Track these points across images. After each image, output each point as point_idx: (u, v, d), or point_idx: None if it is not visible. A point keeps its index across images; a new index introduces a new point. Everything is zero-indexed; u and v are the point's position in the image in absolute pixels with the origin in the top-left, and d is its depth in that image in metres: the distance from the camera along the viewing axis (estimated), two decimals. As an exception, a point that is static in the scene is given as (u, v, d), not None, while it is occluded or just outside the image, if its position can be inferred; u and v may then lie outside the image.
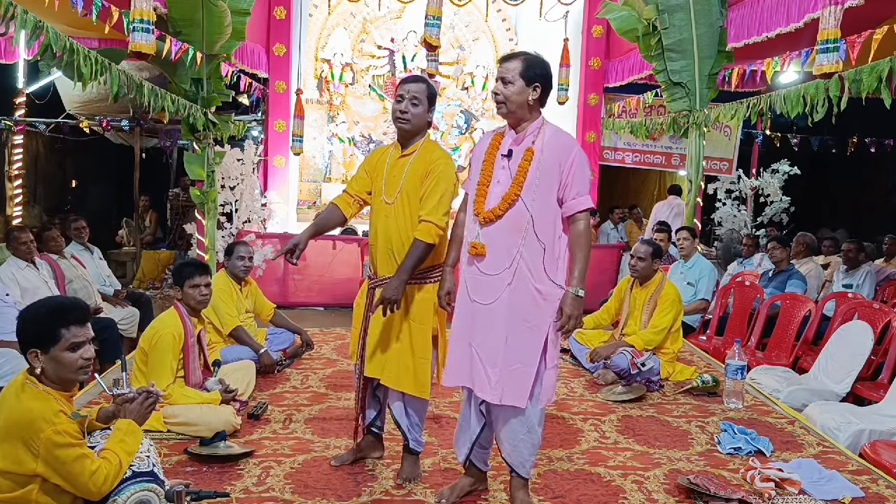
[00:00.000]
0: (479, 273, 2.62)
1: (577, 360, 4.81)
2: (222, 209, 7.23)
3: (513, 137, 2.66)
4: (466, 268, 2.69)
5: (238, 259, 4.54)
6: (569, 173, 2.57)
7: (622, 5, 7.43)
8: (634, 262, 4.63)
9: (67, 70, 4.32)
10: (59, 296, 3.04)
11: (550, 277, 2.59)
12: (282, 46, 8.71)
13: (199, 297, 3.51)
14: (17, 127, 8.82)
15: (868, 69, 4.65)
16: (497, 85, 2.61)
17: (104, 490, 2.15)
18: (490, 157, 2.67)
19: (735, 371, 3.97)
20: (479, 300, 2.62)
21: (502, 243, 2.58)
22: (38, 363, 2.15)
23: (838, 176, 12.22)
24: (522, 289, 2.57)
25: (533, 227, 2.56)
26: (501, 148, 2.66)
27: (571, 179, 2.57)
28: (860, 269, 5.88)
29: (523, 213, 2.56)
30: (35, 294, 4.31)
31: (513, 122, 2.66)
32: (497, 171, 2.64)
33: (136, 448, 2.29)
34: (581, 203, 2.58)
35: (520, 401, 2.57)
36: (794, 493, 2.82)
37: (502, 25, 10.56)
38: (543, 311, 2.57)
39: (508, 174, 2.60)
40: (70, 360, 2.16)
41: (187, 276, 3.51)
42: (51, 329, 2.15)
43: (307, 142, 8.87)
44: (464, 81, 10.51)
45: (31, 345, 2.15)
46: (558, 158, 2.58)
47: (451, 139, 10.58)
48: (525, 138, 2.63)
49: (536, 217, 2.56)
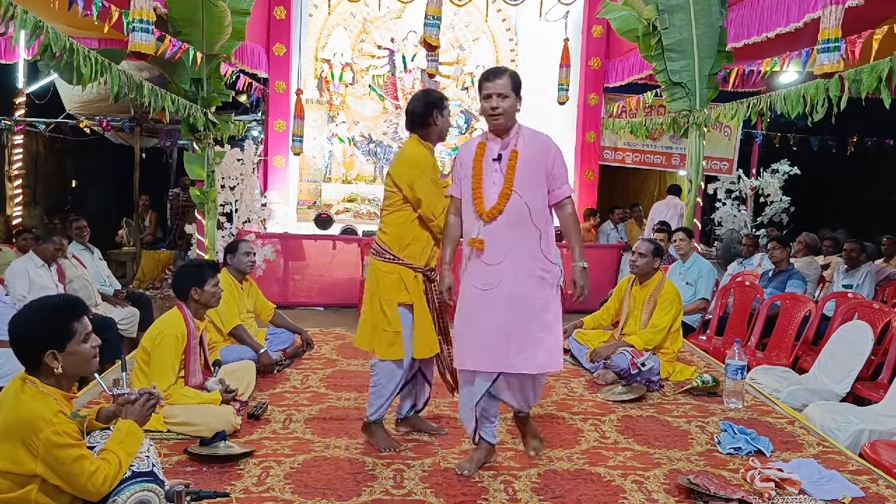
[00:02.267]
0: (485, 265, 2.96)
1: (577, 360, 4.81)
2: (222, 209, 7.23)
3: (499, 143, 3.01)
4: (471, 263, 3.02)
5: (244, 255, 4.59)
6: (553, 166, 3.00)
7: (622, 5, 7.43)
8: (635, 258, 4.63)
9: (67, 70, 4.32)
10: (49, 295, 3.05)
11: (547, 257, 3.00)
12: (282, 46, 8.71)
13: (219, 294, 3.60)
14: (17, 127, 8.83)
15: (868, 69, 4.65)
16: (495, 100, 2.92)
17: (103, 491, 2.14)
18: (478, 163, 3.00)
19: (735, 371, 3.97)
20: (491, 287, 2.94)
21: (505, 235, 2.93)
22: (57, 363, 2.15)
23: (838, 176, 12.22)
24: (525, 271, 2.94)
25: (531, 216, 2.94)
26: (490, 154, 3.00)
27: (556, 171, 3.01)
28: (860, 270, 5.88)
29: (521, 206, 2.92)
30: (42, 293, 4.35)
31: (501, 131, 3.00)
32: (490, 175, 2.97)
33: (137, 449, 2.29)
34: (566, 190, 3.05)
35: (556, 365, 3.05)
36: (794, 493, 2.82)
37: (502, 25, 10.56)
38: (548, 284, 2.99)
39: (501, 175, 2.95)
40: (86, 351, 2.21)
41: (208, 276, 3.53)
42: (63, 325, 2.17)
43: (307, 142, 8.87)
44: (464, 81, 10.51)
45: (46, 346, 2.14)
46: (541, 155, 2.99)
47: (451, 139, 10.58)
48: (509, 142, 3.00)
49: (531, 207, 2.94)
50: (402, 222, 3.19)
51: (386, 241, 3.21)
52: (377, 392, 3.26)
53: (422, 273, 3.20)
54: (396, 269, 3.17)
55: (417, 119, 3.24)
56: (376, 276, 3.22)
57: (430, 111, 3.21)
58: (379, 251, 3.22)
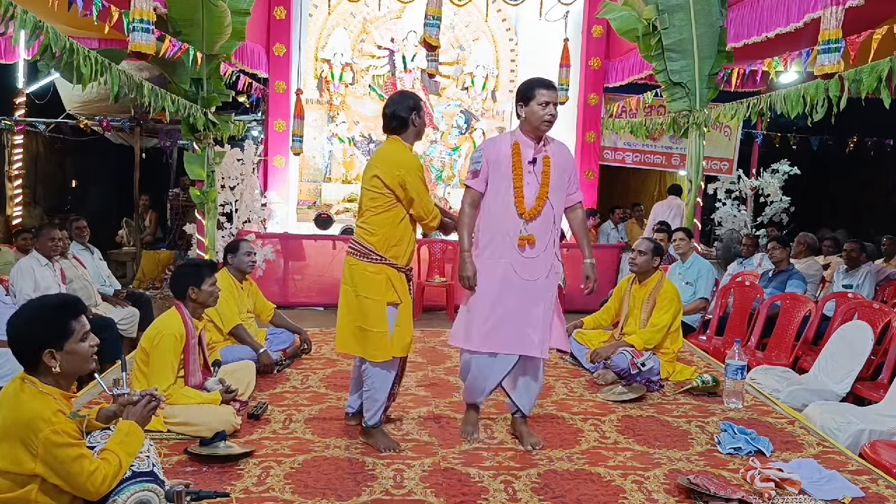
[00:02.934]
0: (528, 258, 3.24)
1: (577, 360, 4.81)
2: (222, 209, 7.23)
3: (532, 147, 3.27)
4: (510, 254, 3.25)
5: (245, 255, 4.60)
6: (573, 173, 3.42)
7: (622, 5, 7.42)
8: (634, 256, 4.64)
9: (67, 70, 4.32)
10: (46, 294, 3.05)
11: (556, 254, 3.36)
12: (282, 46, 8.70)
13: (217, 294, 3.60)
14: (17, 127, 8.82)
15: (868, 69, 4.65)
16: (552, 108, 3.21)
17: (102, 490, 2.14)
18: (517, 164, 3.24)
19: (735, 371, 3.97)
20: (529, 278, 3.25)
21: (542, 233, 3.27)
22: (55, 362, 2.15)
23: (838, 176, 12.22)
24: (550, 265, 3.31)
25: (554, 217, 3.31)
26: (525, 156, 3.25)
27: (574, 177, 3.43)
28: (860, 270, 5.88)
29: (550, 209, 3.28)
30: (46, 292, 4.36)
31: (539, 136, 3.28)
32: (526, 176, 3.24)
33: (137, 450, 2.29)
34: (579, 195, 3.48)
35: (565, 344, 3.52)
36: (794, 493, 2.82)
37: (502, 25, 10.55)
38: (558, 278, 3.40)
39: (535, 178, 3.25)
40: (84, 350, 2.21)
41: (206, 276, 3.53)
42: (62, 324, 2.17)
43: (307, 142, 8.86)
44: (464, 81, 10.51)
45: (44, 345, 2.14)
46: (567, 162, 3.38)
47: (451, 139, 10.57)
48: (542, 148, 3.29)
49: (556, 209, 3.31)
50: (390, 223, 3.22)
51: (373, 243, 3.21)
52: (371, 396, 3.27)
53: (404, 273, 3.28)
54: (384, 269, 3.21)
55: (398, 122, 3.29)
56: (362, 278, 3.22)
57: (409, 114, 3.28)
58: (364, 252, 3.22)
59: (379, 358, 3.21)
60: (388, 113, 3.30)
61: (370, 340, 3.20)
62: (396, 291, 3.22)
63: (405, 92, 3.52)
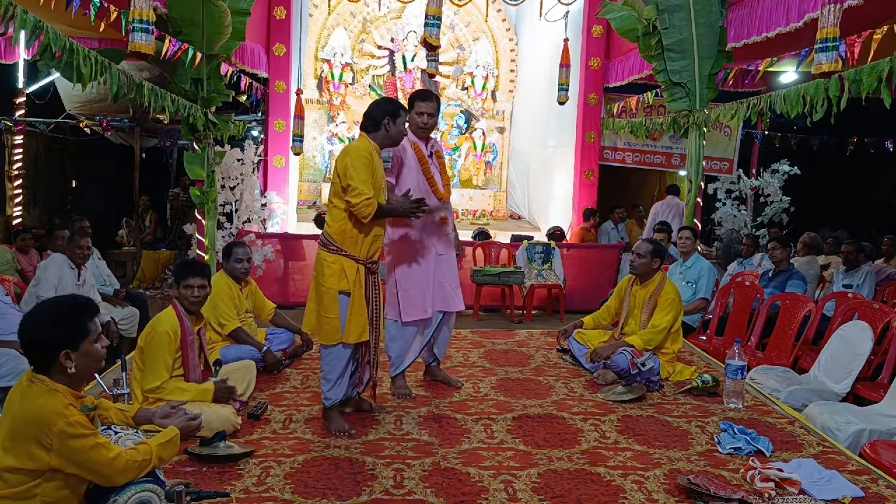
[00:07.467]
0: (445, 234, 4.03)
1: (577, 360, 4.81)
2: (222, 209, 7.23)
3: (425, 145, 3.95)
4: (431, 230, 3.93)
5: (236, 262, 4.53)
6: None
7: (622, 5, 7.43)
8: (634, 259, 4.64)
9: (67, 70, 4.32)
10: (57, 296, 3.05)
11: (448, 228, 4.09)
12: (282, 46, 8.71)
13: (191, 297, 3.51)
14: (17, 127, 8.83)
15: (868, 69, 4.64)
16: (428, 119, 3.86)
17: (127, 476, 2.17)
18: (423, 160, 3.89)
19: (735, 371, 3.97)
20: (444, 253, 4.03)
21: (449, 213, 4.08)
22: (71, 363, 2.15)
23: (838, 176, 12.22)
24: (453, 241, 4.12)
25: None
26: (426, 152, 3.92)
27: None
28: (860, 270, 5.88)
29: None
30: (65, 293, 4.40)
31: (427, 136, 3.96)
32: (431, 168, 3.92)
33: (169, 458, 2.38)
34: None
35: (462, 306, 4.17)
36: (794, 493, 2.82)
37: (502, 25, 10.56)
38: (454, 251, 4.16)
39: (437, 169, 3.97)
40: (98, 351, 2.24)
41: (181, 277, 3.55)
42: (80, 324, 2.18)
43: (307, 142, 8.87)
44: (464, 81, 10.51)
45: (62, 345, 2.14)
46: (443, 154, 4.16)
47: (451, 139, 10.58)
48: (432, 145, 4.00)
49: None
50: (344, 217, 3.38)
51: (331, 234, 3.41)
52: (324, 376, 3.53)
53: (363, 265, 3.42)
54: (339, 259, 3.39)
55: (371, 122, 3.47)
56: (320, 266, 3.45)
57: (383, 117, 3.45)
58: (325, 242, 3.45)
59: (327, 342, 3.44)
60: (366, 112, 3.52)
61: (322, 325, 3.44)
62: (349, 281, 3.37)
63: (391, 99, 3.84)
